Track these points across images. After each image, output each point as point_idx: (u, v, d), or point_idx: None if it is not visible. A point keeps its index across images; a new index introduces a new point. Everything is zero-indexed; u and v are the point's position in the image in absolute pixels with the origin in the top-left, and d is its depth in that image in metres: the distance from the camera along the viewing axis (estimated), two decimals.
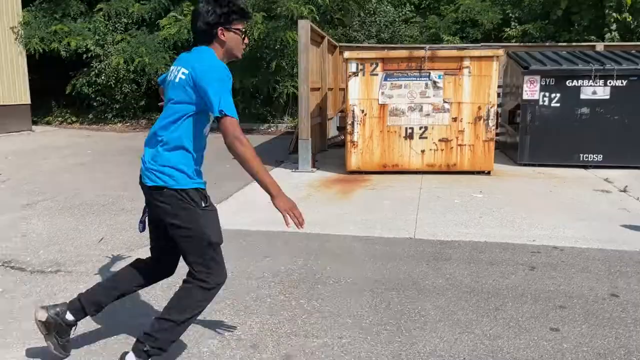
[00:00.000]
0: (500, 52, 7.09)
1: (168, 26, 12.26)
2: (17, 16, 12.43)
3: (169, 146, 2.29)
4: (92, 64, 13.04)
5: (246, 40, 2.43)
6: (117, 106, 13.55)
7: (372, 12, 14.50)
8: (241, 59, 2.54)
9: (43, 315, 2.42)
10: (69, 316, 2.48)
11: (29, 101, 12.64)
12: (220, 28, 2.28)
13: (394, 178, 7.05)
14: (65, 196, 6.10)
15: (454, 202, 5.73)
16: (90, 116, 13.88)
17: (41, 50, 12.70)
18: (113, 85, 13.11)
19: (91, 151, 9.73)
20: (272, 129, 13.31)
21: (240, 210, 5.54)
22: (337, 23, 14.20)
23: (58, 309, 2.47)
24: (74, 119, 14.11)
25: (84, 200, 5.90)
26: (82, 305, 2.50)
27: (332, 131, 10.81)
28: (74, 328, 2.53)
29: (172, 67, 2.38)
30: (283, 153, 9.37)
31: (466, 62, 7.04)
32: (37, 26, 12.74)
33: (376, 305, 3.22)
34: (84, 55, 12.97)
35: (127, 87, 13.22)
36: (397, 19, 14.55)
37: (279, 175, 7.47)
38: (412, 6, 16.11)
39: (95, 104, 13.66)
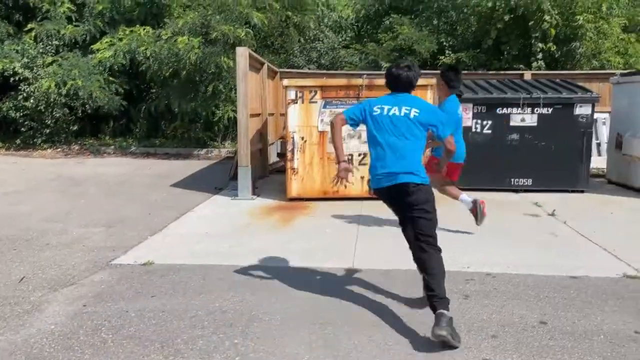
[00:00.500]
0: (433, 81, 7.28)
1: (103, 50, 11.90)
2: None
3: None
4: (20, 88, 12.43)
5: None
6: (48, 131, 12.93)
7: (312, 39, 14.69)
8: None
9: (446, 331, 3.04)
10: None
11: None
12: None
13: (334, 205, 7.05)
14: None
15: (392, 230, 5.78)
16: (18, 141, 13.16)
17: None
18: (43, 110, 12.53)
19: (17, 179, 9.21)
20: (213, 153, 13.10)
21: (176, 242, 5.35)
22: (277, 48, 14.28)
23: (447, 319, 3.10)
24: None
25: (6, 234, 5.53)
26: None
27: (273, 157, 10.76)
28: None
29: (387, 107, 3.56)
30: (223, 179, 9.21)
31: None
32: None
33: (312, 343, 3.15)
34: (11, 79, 12.36)
35: (58, 111, 12.66)
36: (337, 45, 14.81)
37: (219, 203, 7.32)
38: (352, 33, 16.48)
39: (23, 128, 12.99)
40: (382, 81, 7.30)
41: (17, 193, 7.94)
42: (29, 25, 12.80)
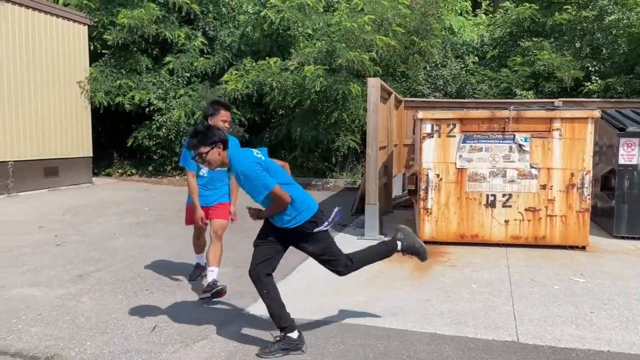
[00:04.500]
0: (596, 113, 6.33)
1: (232, 81, 12.20)
2: (84, 71, 12.72)
3: None
4: (154, 118, 13.11)
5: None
6: (177, 159, 13.51)
7: (437, 65, 14.01)
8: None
9: None
10: None
11: (91, 154, 12.79)
12: None
13: (474, 251, 6.30)
14: (119, 266, 5.71)
15: (553, 289, 4.91)
16: (150, 168, 13.88)
17: (105, 104, 12.91)
18: (173, 139, 13.09)
19: (148, 208, 9.49)
20: (330, 184, 12.81)
21: (305, 289, 4.91)
22: (399, 75, 13.78)
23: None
24: (133, 171, 14.18)
25: (139, 272, 5.48)
26: None
27: (396, 190, 10.18)
28: None
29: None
30: (345, 214, 8.78)
31: (556, 124, 6.33)
32: (103, 80, 12.99)
33: None
34: (147, 109, 13.07)
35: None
36: (462, 72, 13.98)
37: (345, 242, 6.84)
38: (475, 57, 15.54)
39: (155, 156, 13.68)
40: (532, 114, 6.57)
41: (149, 223, 8.10)
42: (167, 58, 13.52)
